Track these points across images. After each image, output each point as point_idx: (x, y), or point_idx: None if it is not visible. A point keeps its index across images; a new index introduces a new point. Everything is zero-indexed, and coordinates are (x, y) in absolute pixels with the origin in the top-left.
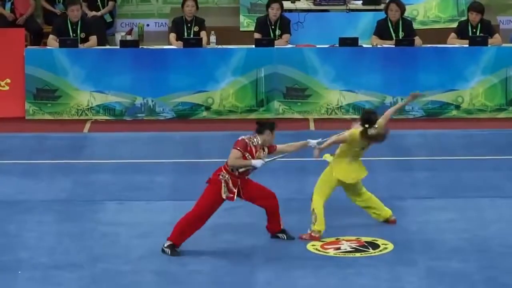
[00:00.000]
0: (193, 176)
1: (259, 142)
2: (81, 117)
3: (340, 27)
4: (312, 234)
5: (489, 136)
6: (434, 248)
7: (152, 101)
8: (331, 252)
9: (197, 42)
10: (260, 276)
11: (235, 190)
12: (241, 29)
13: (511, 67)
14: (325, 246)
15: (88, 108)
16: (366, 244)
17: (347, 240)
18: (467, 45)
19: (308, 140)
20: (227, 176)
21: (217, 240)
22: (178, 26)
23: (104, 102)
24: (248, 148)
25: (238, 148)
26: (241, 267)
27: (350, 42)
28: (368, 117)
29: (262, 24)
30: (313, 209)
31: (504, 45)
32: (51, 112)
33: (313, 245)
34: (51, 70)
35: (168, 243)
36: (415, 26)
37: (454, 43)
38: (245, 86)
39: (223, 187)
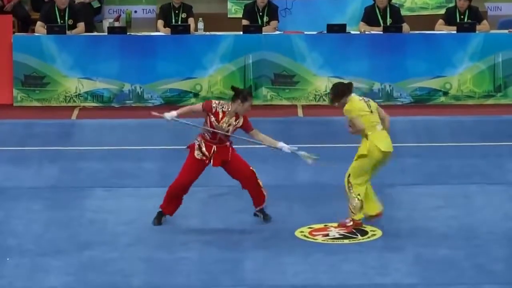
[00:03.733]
0: (181, 163)
1: (229, 109)
2: (69, 104)
3: (328, 14)
4: (356, 221)
5: (477, 123)
6: (422, 235)
7: (140, 87)
8: (320, 238)
9: (185, 29)
10: (249, 263)
11: (209, 155)
12: (228, 16)
13: (499, 53)
14: (314, 233)
15: (76, 95)
16: (354, 231)
17: (335, 227)
18: (455, 32)
19: (282, 144)
20: (199, 139)
21: (205, 227)
22: (165, 12)
23: (92, 89)
24: (214, 111)
25: (202, 104)
26: (229, 254)
27: (338, 29)
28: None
29: (250, 11)
30: (357, 196)
31: (492, 31)
32: (39, 99)
33: (301, 232)
34: (39, 57)
35: (158, 210)
36: (403, 12)
37: (442, 29)
38: (233, 73)
39: (196, 150)
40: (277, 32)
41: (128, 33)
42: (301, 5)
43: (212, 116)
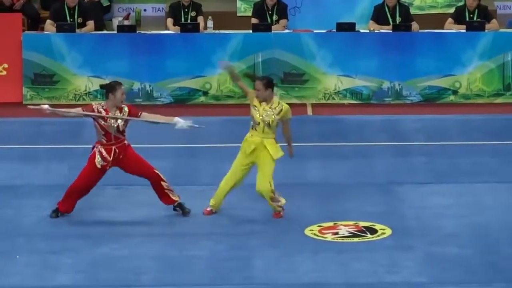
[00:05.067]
0: (192, 161)
1: (107, 105)
2: (79, 102)
3: (337, 12)
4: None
5: (486, 121)
6: (432, 233)
7: (150, 86)
8: (329, 237)
9: (194, 27)
10: (258, 261)
11: (110, 158)
12: (238, 14)
13: (508, 52)
14: (323, 231)
15: (86, 93)
16: (364, 229)
17: (345, 225)
18: (464, 31)
19: (177, 118)
20: (99, 147)
21: (215, 225)
22: (175, 11)
23: (98, 88)
24: (96, 112)
25: (82, 107)
26: (239, 252)
27: (347, 27)
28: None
29: (259, 9)
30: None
31: (501, 30)
32: (49, 97)
33: (311, 230)
34: (48, 55)
35: (55, 207)
36: (412, 11)
37: (451, 28)
38: (243, 71)
39: (97, 157)
40: (287, 31)
41: (137, 32)
42: (311, 4)
43: (99, 120)
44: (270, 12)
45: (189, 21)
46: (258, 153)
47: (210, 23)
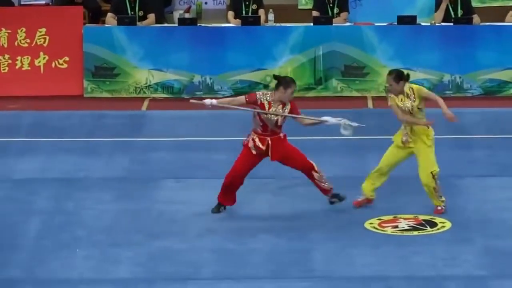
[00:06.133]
0: None
1: (273, 98)
2: (139, 95)
3: (398, 5)
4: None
5: None
6: (493, 226)
7: (210, 79)
8: (389, 230)
9: (255, 20)
10: (318, 254)
11: (263, 149)
12: (299, 7)
13: None
14: (383, 224)
15: (146, 86)
16: (423, 222)
17: (405, 218)
18: None
19: (326, 117)
20: (254, 135)
21: (274, 218)
22: (236, 4)
23: (162, 80)
24: (259, 103)
25: (245, 96)
26: (298, 245)
27: (408, 20)
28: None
29: (321, 2)
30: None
31: None
32: (109, 90)
33: (370, 223)
34: (109, 48)
35: (216, 202)
36: (474, 4)
37: None
38: (303, 64)
39: (250, 144)
40: (348, 24)
41: (198, 24)
42: None
43: (258, 108)
44: (331, 5)
45: (250, 14)
46: (414, 144)
47: (271, 16)
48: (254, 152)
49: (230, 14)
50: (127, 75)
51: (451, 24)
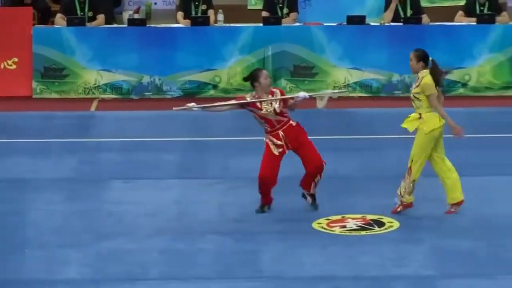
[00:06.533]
0: (200, 154)
1: (258, 95)
2: (88, 96)
3: (347, 5)
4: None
5: (495, 114)
6: (440, 226)
7: (159, 79)
8: (337, 230)
9: (205, 21)
10: (266, 255)
11: (282, 143)
12: (248, 8)
13: None
14: (331, 224)
15: (95, 87)
16: (371, 222)
17: (353, 218)
18: (475, 23)
19: (299, 93)
20: (268, 136)
21: (223, 218)
22: (185, 4)
23: (111, 81)
24: (250, 104)
25: (236, 99)
26: (247, 245)
27: (357, 20)
28: (425, 52)
29: (270, 2)
30: (414, 180)
31: (511, 23)
32: (58, 90)
33: (319, 223)
34: (58, 49)
35: (259, 204)
36: (423, 4)
37: (462, 21)
38: (253, 64)
39: (271, 146)
40: (297, 24)
41: (147, 25)
42: None
43: (254, 109)
44: (280, 5)
45: (199, 14)
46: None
47: (220, 17)
48: (276, 153)
49: (180, 14)
50: (76, 76)
51: (401, 24)
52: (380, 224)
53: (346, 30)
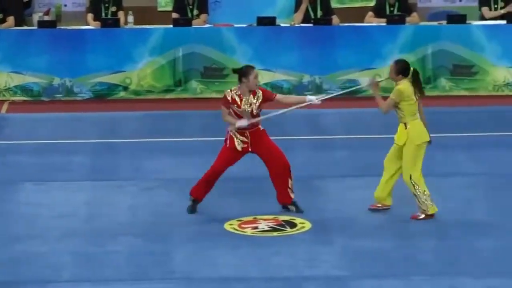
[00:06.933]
0: (111, 156)
1: (241, 91)
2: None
3: (258, 7)
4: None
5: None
6: (351, 227)
7: (70, 81)
8: (249, 231)
9: (115, 22)
10: (178, 256)
11: (247, 141)
12: (158, 9)
13: (428, 45)
14: (243, 225)
15: (6, 89)
16: (283, 223)
17: (264, 219)
18: (385, 24)
19: (306, 96)
20: (232, 132)
21: (135, 220)
22: (95, 6)
23: (21, 83)
24: (230, 100)
25: (222, 105)
26: (158, 247)
27: (268, 21)
28: (405, 64)
29: (180, 4)
30: (424, 191)
31: (421, 23)
32: None
33: (230, 225)
34: None
35: (192, 198)
36: (333, 4)
37: (372, 21)
38: (163, 66)
39: (236, 140)
40: (207, 25)
41: (58, 27)
42: None
43: (233, 106)
44: (190, 7)
45: (109, 16)
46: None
47: (130, 18)
48: (239, 148)
49: (90, 16)
50: None
51: (311, 25)
52: (292, 225)
53: (257, 31)
